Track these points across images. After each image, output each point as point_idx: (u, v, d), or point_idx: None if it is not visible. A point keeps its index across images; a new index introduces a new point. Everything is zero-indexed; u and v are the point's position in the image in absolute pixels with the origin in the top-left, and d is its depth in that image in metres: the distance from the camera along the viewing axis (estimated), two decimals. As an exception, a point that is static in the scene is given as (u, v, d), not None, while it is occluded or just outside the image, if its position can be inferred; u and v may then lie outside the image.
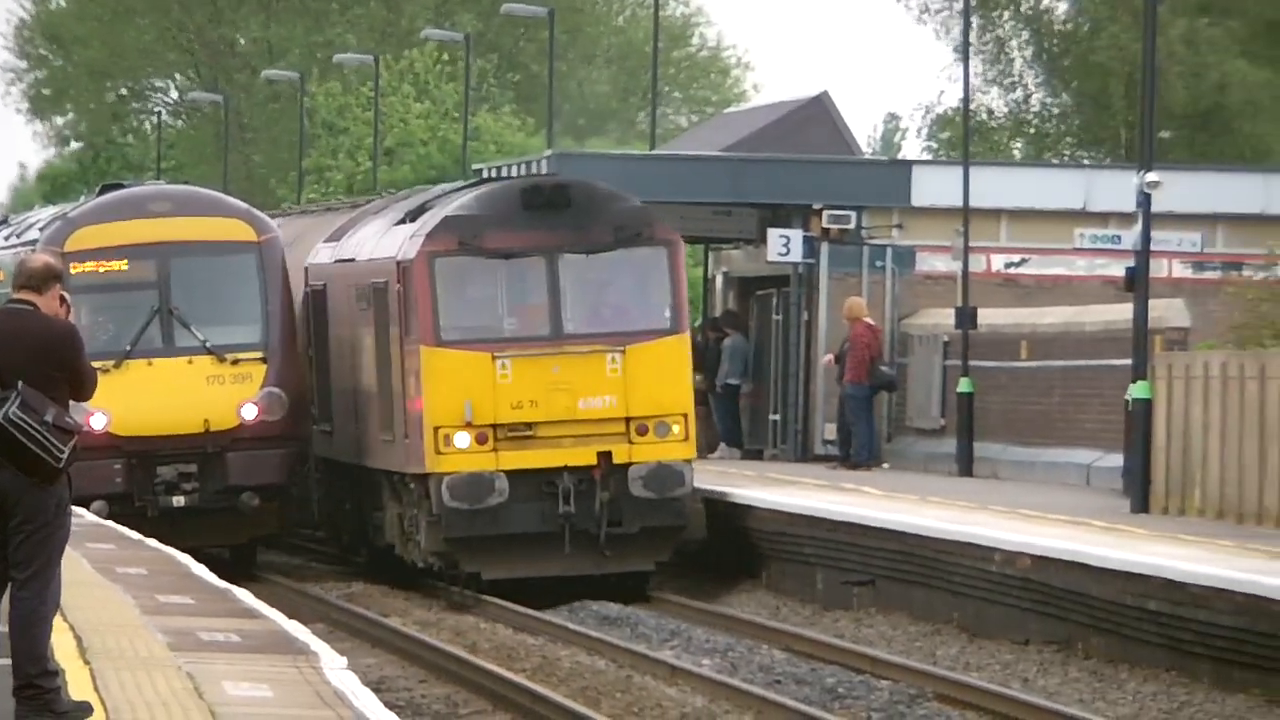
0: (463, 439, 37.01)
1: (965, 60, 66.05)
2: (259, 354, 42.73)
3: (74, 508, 19.41)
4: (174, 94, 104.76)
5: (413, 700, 29.09)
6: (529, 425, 37.38)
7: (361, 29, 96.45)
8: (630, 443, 37.20)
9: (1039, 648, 33.95)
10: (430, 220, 38.29)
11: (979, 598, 37.03)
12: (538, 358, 37.41)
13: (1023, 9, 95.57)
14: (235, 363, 42.63)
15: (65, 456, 16.86)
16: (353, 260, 42.21)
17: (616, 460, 37.04)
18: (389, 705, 19.78)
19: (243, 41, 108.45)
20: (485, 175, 53.44)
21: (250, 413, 42.46)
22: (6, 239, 50.33)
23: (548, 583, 37.21)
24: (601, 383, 37.33)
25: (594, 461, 37.17)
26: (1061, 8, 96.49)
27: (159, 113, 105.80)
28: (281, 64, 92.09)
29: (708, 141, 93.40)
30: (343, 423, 42.95)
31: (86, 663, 20.33)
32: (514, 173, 52.71)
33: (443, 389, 37.14)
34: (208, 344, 42.59)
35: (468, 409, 36.90)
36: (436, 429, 37.06)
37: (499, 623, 39.23)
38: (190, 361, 42.45)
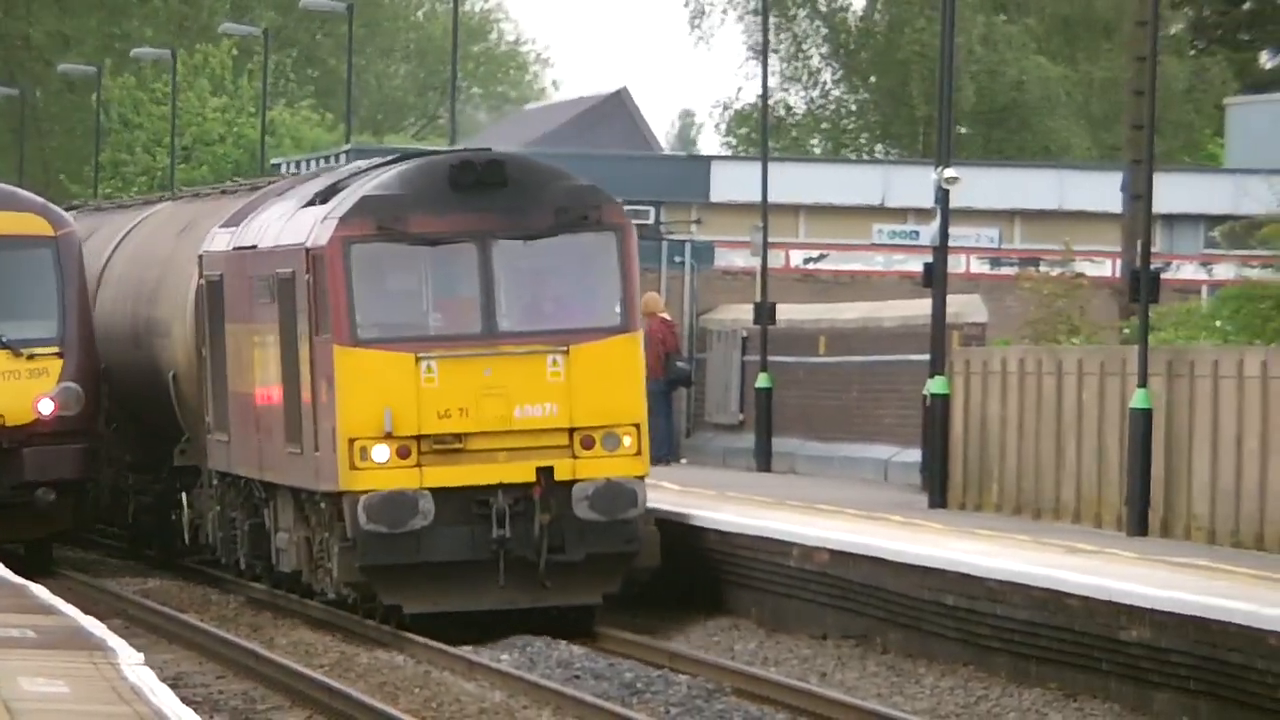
0: (381, 452, 32.91)
1: (765, 56, 66.62)
2: (55, 349, 42.25)
3: None
4: None
5: (210, 696, 28.39)
6: (458, 437, 33.18)
7: (159, 22, 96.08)
8: (574, 457, 33.13)
9: (837, 642, 33.88)
10: (345, 201, 34.25)
11: (777, 593, 37.11)
12: (468, 359, 33.30)
13: (819, 6, 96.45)
14: (31, 357, 42.17)
15: None
16: (254, 248, 37.96)
17: (558, 477, 32.87)
18: (186, 701, 19.56)
19: (36, 34, 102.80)
20: (284, 170, 51.64)
21: (47, 408, 41.99)
22: None
23: (479, 617, 33.27)
24: (541, 388, 33.35)
25: (533, 478, 32.93)
26: (859, 4, 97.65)
27: None
28: (77, 57, 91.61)
29: (507, 137, 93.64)
30: (241, 432, 38.65)
31: None
32: (311, 167, 50.78)
33: (359, 395, 33.09)
34: (3, 339, 42.23)
35: (388, 418, 32.73)
36: (351, 441, 32.98)
37: (295, 617, 38.83)
38: None
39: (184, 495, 45.00)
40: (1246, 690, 25.65)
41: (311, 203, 35.91)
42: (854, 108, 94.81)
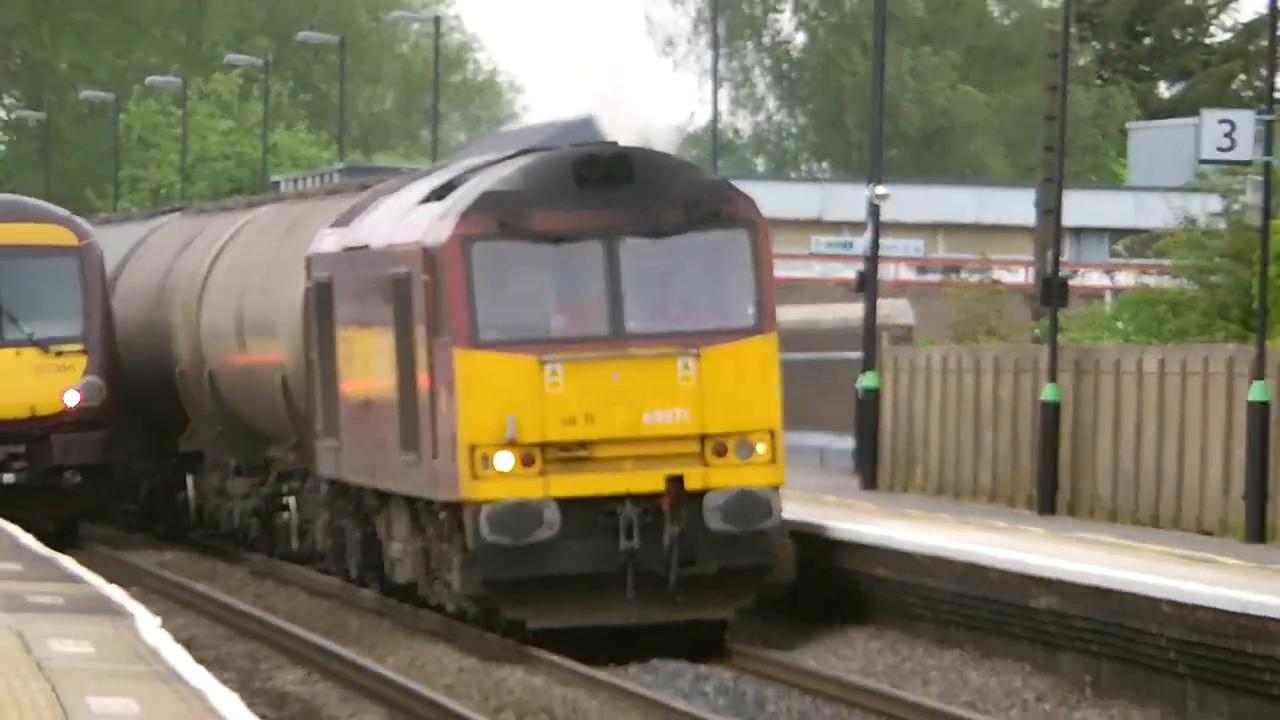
0: (505, 460, 29.02)
1: (715, 84, 66.73)
2: (80, 346, 42.17)
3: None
4: (1, 112, 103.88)
5: (219, 656, 27.96)
6: (584, 444, 29.24)
7: (168, 52, 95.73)
8: (706, 465, 29.07)
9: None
10: (464, 198, 30.39)
11: None
12: (594, 363, 29.33)
13: (764, 40, 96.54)
14: (59, 354, 42.01)
15: None
16: (366, 248, 34.18)
17: (689, 486, 28.78)
18: (198, 660, 19.17)
19: (59, 63, 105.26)
20: (284, 189, 49.48)
21: (73, 399, 41.93)
22: None
23: (606, 633, 29.29)
24: (671, 393, 29.34)
25: (662, 488, 28.92)
26: (799, 38, 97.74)
27: None
28: (96, 84, 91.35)
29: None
30: (353, 439, 34.67)
31: None
32: (308, 184, 48.84)
33: (480, 400, 29.23)
34: (33, 337, 42.13)
35: (511, 424, 28.90)
36: (473, 448, 29.13)
37: (294, 585, 38.61)
38: (18, 353, 41.95)
39: (189, 478, 44.68)
40: (1142, 653, 25.86)
41: (427, 200, 32.48)
42: (795, 131, 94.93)
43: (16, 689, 15.18)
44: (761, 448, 28.79)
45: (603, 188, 29.41)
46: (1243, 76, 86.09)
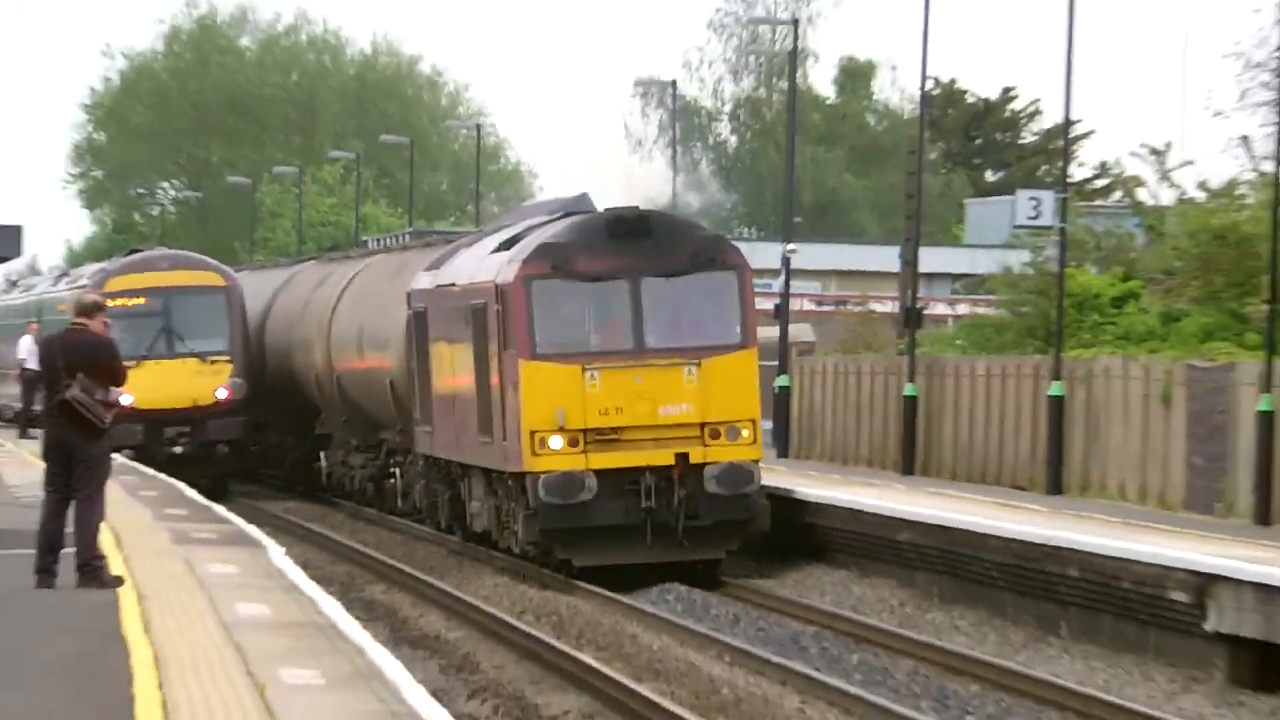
0: (556, 442, 28.23)
1: (674, 173, 66.49)
2: (227, 357, 41.57)
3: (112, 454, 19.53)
4: (171, 192, 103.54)
5: (325, 575, 27.78)
6: (615, 430, 28.56)
7: (289, 150, 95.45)
8: (705, 445, 28.39)
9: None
10: (525, 248, 29.62)
11: None
12: (622, 370, 28.58)
13: (710, 142, 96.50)
14: (212, 363, 41.48)
15: (107, 422, 17.01)
16: (452, 285, 32.94)
17: (693, 460, 28.18)
18: (311, 577, 19.35)
19: (212, 159, 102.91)
20: (371, 246, 47.92)
21: (222, 394, 41.38)
22: (68, 285, 49.32)
23: (631, 569, 28.59)
24: (680, 392, 28.61)
25: (673, 462, 28.37)
26: (733, 141, 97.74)
27: (161, 205, 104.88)
28: (238, 173, 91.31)
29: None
30: (442, 425, 33.55)
31: (121, 551, 20.18)
32: (388, 244, 47.44)
33: (538, 397, 28.40)
34: (194, 351, 41.63)
35: (560, 415, 28.15)
36: (533, 433, 28.41)
37: (378, 525, 37.80)
38: (184, 362, 41.43)
39: (322, 453, 43.48)
40: (974, 571, 25.91)
41: (497, 250, 31.27)
42: (729, 206, 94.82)
43: (184, 598, 16.22)
44: (745, 432, 28.06)
45: (628, 240, 28.69)
46: (1045, 166, 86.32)
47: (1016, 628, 24.31)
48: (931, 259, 58.46)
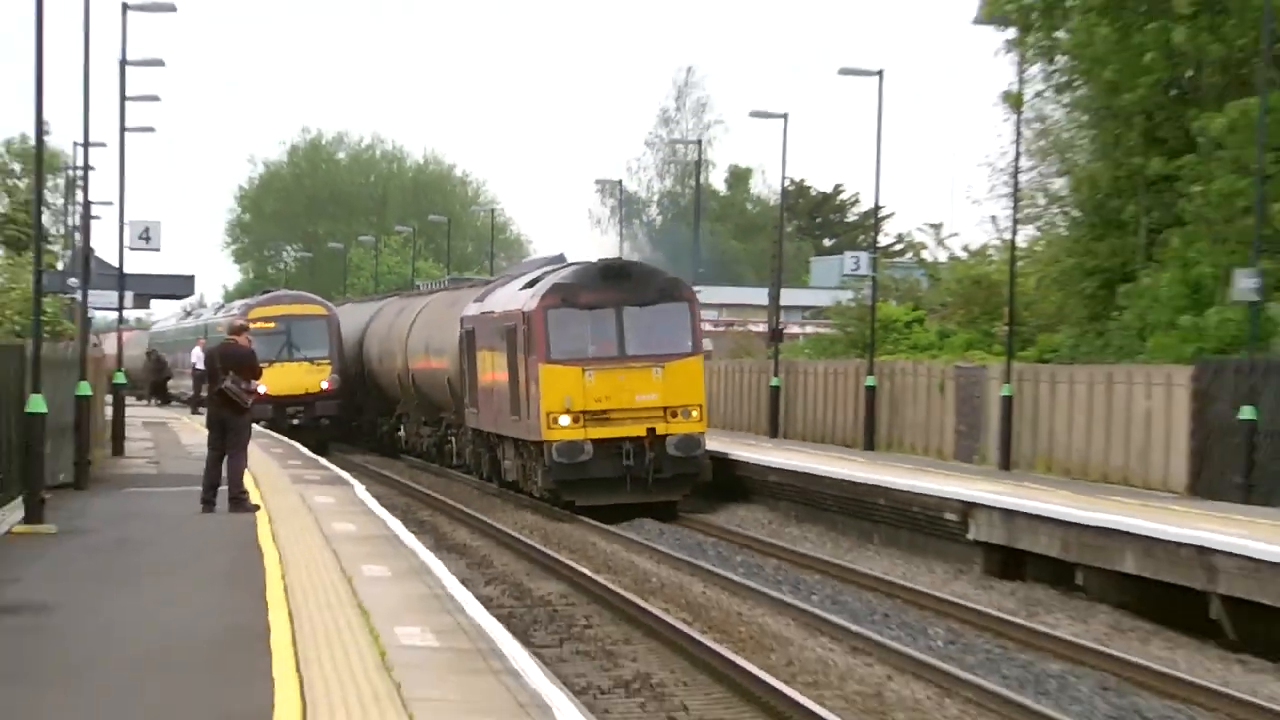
0: (564, 420, 27.43)
1: (620, 243, 66.65)
2: (328, 361, 41.16)
3: (252, 425, 19.87)
4: (291, 253, 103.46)
5: (391, 504, 25.94)
6: (605, 412, 27.59)
7: (368, 226, 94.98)
8: (667, 422, 27.48)
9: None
10: (543, 287, 28.96)
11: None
12: (610, 370, 27.65)
13: (642, 221, 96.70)
14: (318, 365, 41.11)
15: (249, 404, 17.30)
16: (492, 312, 32.01)
17: (659, 433, 27.30)
18: (383, 506, 19.31)
19: (318, 231, 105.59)
20: (424, 289, 46.81)
21: (325, 385, 40.99)
22: (224, 314, 49.18)
23: (616, 508, 27.47)
24: (650, 385, 27.63)
25: (645, 434, 27.44)
26: (660, 219, 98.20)
27: (285, 263, 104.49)
28: (336, 240, 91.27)
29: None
30: (484, 408, 32.37)
31: (258, 488, 20.11)
32: (434, 287, 46.41)
33: (552, 389, 27.59)
34: (307, 357, 41.31)
35: (567, 401, 27.37)
36: (548, 414, 27.63)
37: (433, 474, 36.46)
38: (300, 364, 41.02)
39: (401, 427, 42.16)
40: (816, 501, 25.57)
41: (524, 288, 30.51)
42: (656, 263, 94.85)
43: (299, 520, 16.45)
44: (695, 413, 27.19)
45: (614, 282, 27.85)
46: (863, 237, 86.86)
47: (845, 538, 24.11)
48: (789, 297, 58.99)
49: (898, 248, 72.68)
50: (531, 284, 30.04)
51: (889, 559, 21.92)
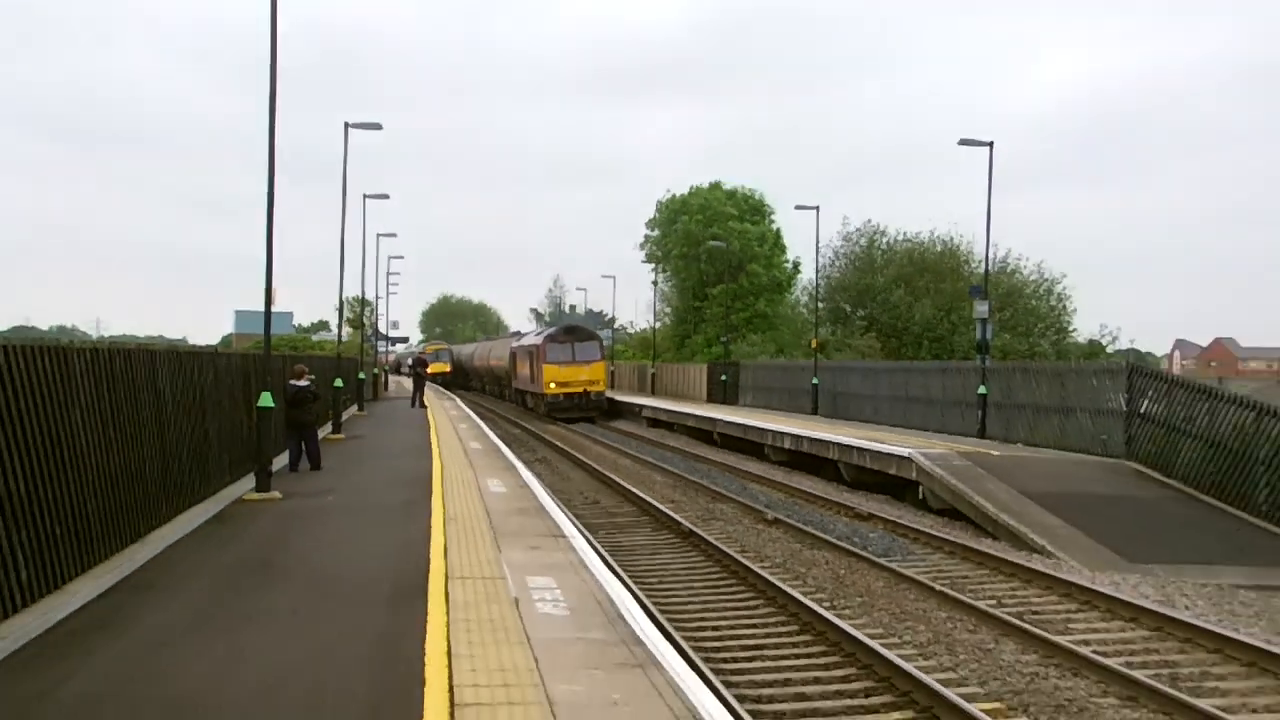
0: (552, 385, 38.86)
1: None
2: (449, 366, 64.56)
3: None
4: (438, 330, 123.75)
5: (481, 413, 37.96)
6: (566, 382, 39.10)
7: (474, 328, 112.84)
8: (588, 387, 39.38)
9: (649, 427, 35.81)
10: (545, 334, 40.54)
11: (629, 415, 40.75)
12: (569, 366, 39.34)
13: (588, 310, 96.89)
14: (445, 365, 64.89)
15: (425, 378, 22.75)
16: (523, 344, 43.51)
17: (587, 391, 39.43)
18: (474, 411, 28.57)
19: (451, 330, 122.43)
20: (490, 338, 69.40)
21: (445, 369, 63.71)
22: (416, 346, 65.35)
23: (570, 419, 38.91)
24: (583, 372, 39.42)
25: (581, 391, 39.01)
26: (627, 318, 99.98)
27: (443, 338, 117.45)
28: (463, 332, 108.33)
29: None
30: (520, 381, 44.74)
31: (429, 404, 30.94)
32: (495, 337, 68.96)
33: (548, 373, 38.71)
34: (440, 361, 66.32)
35: (553, 377, 39.00)
36: (547, 382, 38.86)
37: (495, 401, 48.35)
38: (442, 365, 66.91)
39: (485, 386, 55.28)
40: (656, 423, 33.80)
41: (537, 335, 42.17)
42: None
43: (463, 469, 15.66)
44: (599, 384, 39.44)
45: (571, 331, 40.07)
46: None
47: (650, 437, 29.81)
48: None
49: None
50: (539, 334, 40.27)
51: (680, 440, 28.36)
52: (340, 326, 29.74)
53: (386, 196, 31.18)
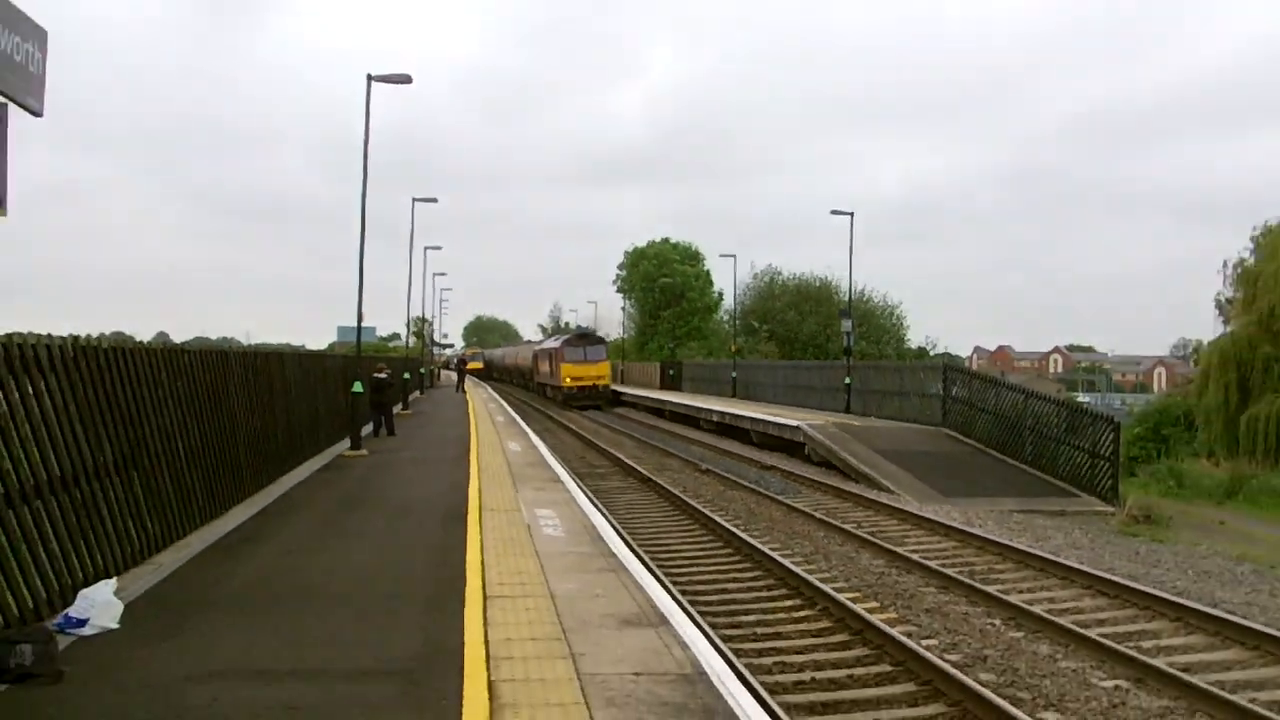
0: (568, 380, 34.00)
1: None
2: (483, 364, 55.87)
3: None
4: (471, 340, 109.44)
5: (510, 400, 32.48)
6: (580, 377, 34.07)
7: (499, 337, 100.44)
8: (597, 382, 34.28)
9: (639, 414, 30.94)
10: (562, 339, 36.35)
11: (626, 404, 34.79)
12: (582, 364, 34.44)
13: (571, 325, 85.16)
14: (479, 361, 57.42)
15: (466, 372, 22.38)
16: (544, 348, 39.07)
17: (596, 385, 34.32)
18: (503, 398, 27.27)
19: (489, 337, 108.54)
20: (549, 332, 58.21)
21: (479, 366, 53.92)
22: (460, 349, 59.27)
23: (583, 406, 33.75)
24: (593, 369, 34.52)
25: (591, 385, 34.03)
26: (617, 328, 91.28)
27: (477, 348, 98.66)
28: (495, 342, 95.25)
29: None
30: (541, 375, 39.03)
31: (469, 392, 29.58)
32: (521, 343, 58.33)
33: (566, 370, 34.01)
34: (475, 359, 56.27)
35: (569, 373, 34.02)
36: (564, 376, 34.08)
37: (520, 391, 42.63)
38: (477, 363, 55.84)
39: (513, 380, 49.12)
40: (661, 413, 28.93)
41: (554, 340, 38.07)
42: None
43: (490, 434, 15.25)
44: (605, 379, 34.60)
45: (583, 336, 35.82)
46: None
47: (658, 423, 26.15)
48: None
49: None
50: (557, 339, 37.20)
51: (670, 427, 25.34)
52: (408, 337, 30.95)
53: (439, 248, 32.44)
